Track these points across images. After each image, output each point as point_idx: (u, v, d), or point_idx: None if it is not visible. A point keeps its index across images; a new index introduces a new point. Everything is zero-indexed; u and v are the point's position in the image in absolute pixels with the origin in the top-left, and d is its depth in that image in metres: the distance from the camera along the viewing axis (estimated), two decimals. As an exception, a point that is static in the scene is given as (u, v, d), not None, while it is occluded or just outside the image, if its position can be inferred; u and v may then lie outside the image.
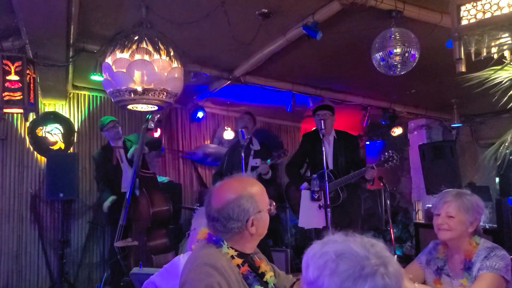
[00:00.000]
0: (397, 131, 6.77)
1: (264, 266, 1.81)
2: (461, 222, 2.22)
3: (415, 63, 3.10)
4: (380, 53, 3.06)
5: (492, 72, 1.71)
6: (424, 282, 2.41)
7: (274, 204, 1.86)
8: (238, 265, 1.69)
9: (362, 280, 1.01)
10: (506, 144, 1.64)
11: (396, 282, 1.02)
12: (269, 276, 1.78)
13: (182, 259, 2.19)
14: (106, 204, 4.66)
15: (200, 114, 6.01)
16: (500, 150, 1.67)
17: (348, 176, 4.22)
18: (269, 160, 4.37)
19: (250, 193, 1.72)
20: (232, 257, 1.68)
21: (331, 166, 4.41)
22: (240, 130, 4.41)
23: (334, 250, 1.07)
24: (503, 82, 1.67)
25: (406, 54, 3.00)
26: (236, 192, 1.71)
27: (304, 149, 4.75)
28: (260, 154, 4.65)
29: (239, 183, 1.77)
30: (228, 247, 1.69)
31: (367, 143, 7.24)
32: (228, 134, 6.63)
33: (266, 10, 3.27)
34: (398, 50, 2.99)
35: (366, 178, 4.19)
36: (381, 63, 3.09)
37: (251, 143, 4.70)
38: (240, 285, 1.63)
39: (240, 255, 1.71)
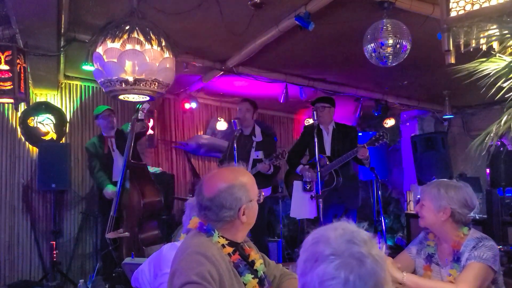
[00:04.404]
0: (389, 122, 6.81)
1: (254, 254, 1.83)
2: (430, 210, 2.28)
3: (406, 55, 3.11)
4: (372, 44, 3.06)
5: (477, 64, 1.72)
6: (414, 272, 2.44)
7: (263, 194, 1.88)
8: (229, 254, 1.70)
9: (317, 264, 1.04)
10: (491, 135, 1.66)
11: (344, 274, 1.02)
12: (258, 264, 1.80)
13: (166, 247, 2.21)
14: (110, 190, 4.57)
15: (193, 105, 6.00)
16: (485, 141, 1.69)
17: (341, 157, 4.29)
18: (267, 160, 4.34)
19: (242, 182, 1.73)
20: (223, 246, 1.70)
21: (328, 153, 4.52)
22: (233, 120, 4.42)
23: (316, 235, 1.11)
24: (490, 74, 1.69)
25: (398, 46, 3.01)
26: (229, 181, 1.72)
27: (304, 139, 4.83)
28: (262, 145, 4.60)
29: (230, 172, 1.79)
30: (219, 236, 1.70)
31: (360, 134, 7.27)
32: (221, 125, 6.63)
33: (259, 1, 3.25)
34: (389, 42, 3.00)
35: (359, 158, 4.26)
36: (373, 54, 3.10)
37: (254, 134, 4.63)
38: (230, 274, 1.65)
39: (231, 244, 1.73)
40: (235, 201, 1.69)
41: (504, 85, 1.69)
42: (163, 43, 2.92)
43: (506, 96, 1.75)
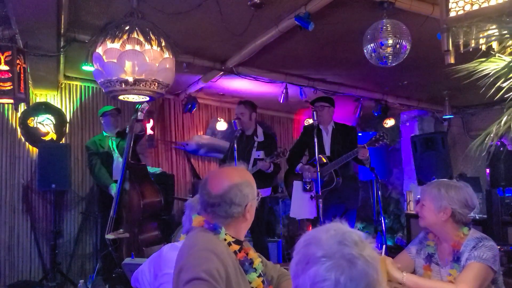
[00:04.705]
0: (389, 122, 6.81)
1: (252, 253, 1.83)
2: (430, 210, 2.29)
3: (406, 55, 3.11)
4: (372, 45, 3.07)
5: (477, 64, 1.73)
6: (413, 272, 2.44)
7: (261, 194, 1.90)
8: (235, 252, 1.71)
9: (309, 265, 1.04)
10: (491, 135, 1.66)
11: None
12: (257, 263, 1.80)
13: (166, 248, 2.21)
14: (114, 191, 4.54)
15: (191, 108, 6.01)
16: (485, 141, 1.69)
17: (341, 157, 4.29)
18: (268, 158, 4.36)
19: (248, 180, 1.77)
20: (229, 243, 1.70)
21: (328, 153, 4.53)
22: (233, 121, 4.47)
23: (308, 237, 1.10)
24: (490, 74, 1.69)
25: (398, 46, 3.01)
26: (236, 178, 1.75)
27: (304, 140, 4.83)
28: (264, 146, 4.63)
29: (236, 170, 1.82)
30: (225, 234, 1.71)
31: (360, 134, 7.27)
32: (221, 125, 6.64)
33: (258, 1, 3.25)
34: (389, 42, 3.00)
35: (359, 158, 4.27)
36: (373, 55, 3.10)
37: (256, 135, 4.67)
38: (237, 272, 1.65)
39: (236, 241, 1.74)
40: (243, 197, 1.72)
41: (504, 85, 1.70)
42: (163, 43, 2.92)
43: (505, 96, 1.75)
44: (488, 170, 5.38)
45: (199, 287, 1.46)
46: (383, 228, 4.78)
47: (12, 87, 3.45)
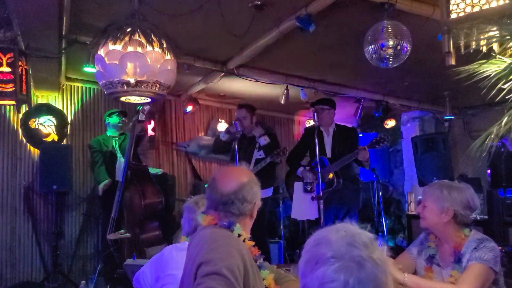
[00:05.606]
0: (390, 123, 6.81)
1: None
2: (432, 211, 2.29)
3: (407, 56, 3.11)
4: (373, 46, 3.07)
5: (478, 65, 1.74)
6: (414, 273, 2.44)
7: None
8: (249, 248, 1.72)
9: (318, 265, 1.04)
10: (492, 136, 1.67)
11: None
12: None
13: (167, 249, 2.21)
14: (101, 186, 4.69)
15: (189, 108, 6.02)
16: (486, 142, 1.70)
17: (341, 159, 4.30)
18: (268, 158, 4.39)
19: (254, 178, 1.81)
20: (244, 240, 1.71)
21: (329, 155, 4.55)
22: (233, 122, 4.49)
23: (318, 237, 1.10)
24: (491, 76, 1.70)
25: (398, 47, 3.01)
26: (245, 176, 1.78)
27: (305, 141, 4.84)
28: (265, 146, 4.65)
29: (242, 170, 1.85)
30: (241, 230, 1.72)
31: (361, 135, 7.28)
32: (222, 126, 6.63)
33: (259, 2, 3.26)
34: (390, 43, 3.00)
35: (359, 159, 4.31)
36: (373, 56, 3.11)
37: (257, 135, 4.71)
38: (253, 268, 1.65)
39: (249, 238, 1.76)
40: (254, 195, 1.75)
41: (505, 86, 1.70)
42: (164, 45, 2.94)
43: (506, 97, 1.76)
44: (489, 171, 5.37)
45: (218, 283, 1.45)
46: (384, 229, 4.79)
47: (14, 88, 3.47)
